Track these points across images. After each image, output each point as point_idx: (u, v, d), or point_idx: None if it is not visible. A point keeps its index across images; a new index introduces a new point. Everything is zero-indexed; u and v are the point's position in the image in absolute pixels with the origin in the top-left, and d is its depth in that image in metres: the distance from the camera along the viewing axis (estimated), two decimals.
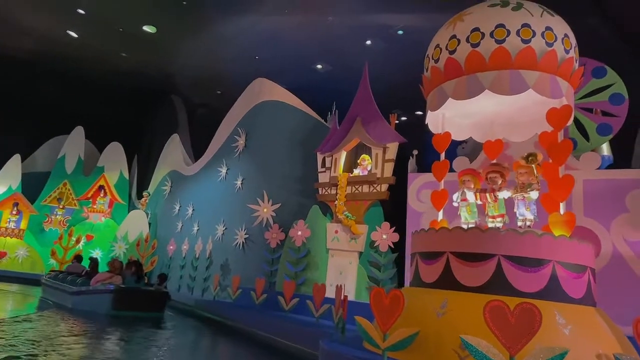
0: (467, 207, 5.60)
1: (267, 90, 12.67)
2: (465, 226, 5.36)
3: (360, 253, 9.08)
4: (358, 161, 9.78)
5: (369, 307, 6.30)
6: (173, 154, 18.48)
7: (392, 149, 9.26)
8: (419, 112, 16.62)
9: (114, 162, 20.64)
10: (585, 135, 7.90)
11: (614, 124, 7.85)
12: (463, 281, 4.41)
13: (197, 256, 13.26)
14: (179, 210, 16.09)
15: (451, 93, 5.21)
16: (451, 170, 9.40)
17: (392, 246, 8.71)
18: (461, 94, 5.13)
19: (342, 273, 9.17)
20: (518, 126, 6.13)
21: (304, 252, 9.79)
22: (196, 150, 18.61)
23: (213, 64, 18.02)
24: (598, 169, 7.10)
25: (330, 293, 7.95)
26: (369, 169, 9.57)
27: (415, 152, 9.22)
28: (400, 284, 8.50)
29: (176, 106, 20.53)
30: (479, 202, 5.44)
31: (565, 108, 4.94)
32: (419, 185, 8.72)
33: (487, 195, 5.28)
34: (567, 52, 5.00)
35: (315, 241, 9.77)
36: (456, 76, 5.16)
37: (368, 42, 14.54)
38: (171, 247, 15.11)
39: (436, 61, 5.42)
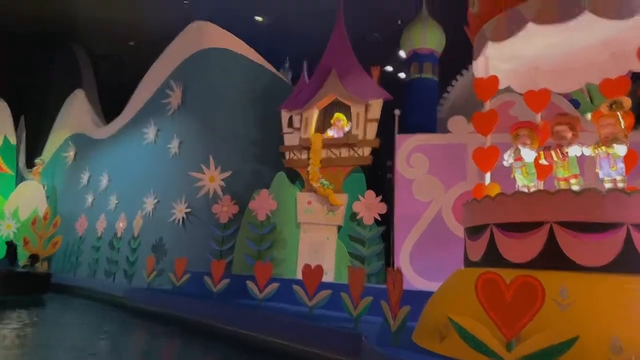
0: (523, 168, 4.57)
1: (209, 36, 10.53)
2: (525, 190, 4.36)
3: (340, 227, 7.78)
4: (331, 121, 8.37)
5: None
6: (77, 113, 15.32)
7: (376, 106, 7.99)
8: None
9: None
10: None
11: None
12: (578, 260, 3.32)
13: (118, 235, 10.93)
14: (88, 180, 13.35)
15: (532, 16, 4.00)
16: (430, 131, 8.50)
17: (379, 218, 7.52)
18: (548, 17, 3.93)
19: (317, 251, 7.79)
20: (566, 74, 5.15)
21: (269, 228, 8.21)
22: (104, 110, 15.70)
23: (127, 9, 15.12)
24: None
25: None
26: (346, 129, 8.22)
27: (397, 111, 8.02)
28: (388, 262, 7.39)
29: (78, 57, 17.13)
30: (543, 162, 4.38)
31: None
32: (409, 149, 7.57)
33: (553, 152, 4.23)
34: None
35: (282, 214, 8.23)
36: None
37: None
38: (81, 225, 12.46)
39: None
